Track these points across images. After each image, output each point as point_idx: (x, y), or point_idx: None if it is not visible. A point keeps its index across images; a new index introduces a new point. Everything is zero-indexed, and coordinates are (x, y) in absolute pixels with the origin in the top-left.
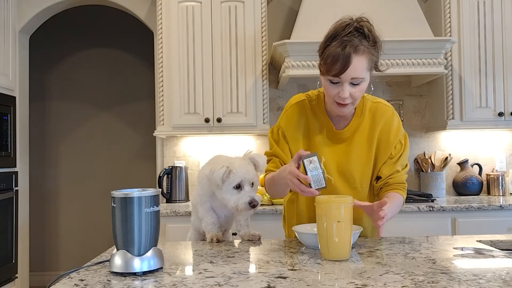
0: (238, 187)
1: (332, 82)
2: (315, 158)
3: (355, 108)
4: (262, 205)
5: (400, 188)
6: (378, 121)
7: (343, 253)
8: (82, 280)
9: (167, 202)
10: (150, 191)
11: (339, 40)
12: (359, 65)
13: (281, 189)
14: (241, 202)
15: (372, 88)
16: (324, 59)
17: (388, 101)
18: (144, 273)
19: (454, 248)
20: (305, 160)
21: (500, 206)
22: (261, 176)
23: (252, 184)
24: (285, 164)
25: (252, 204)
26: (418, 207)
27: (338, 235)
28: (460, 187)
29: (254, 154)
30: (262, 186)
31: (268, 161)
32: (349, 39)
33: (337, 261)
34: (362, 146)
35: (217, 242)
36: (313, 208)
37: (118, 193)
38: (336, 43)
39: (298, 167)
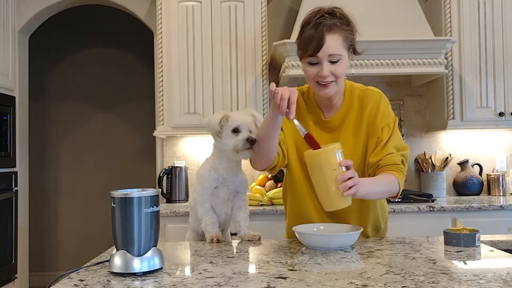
0: (236, 131)
1: (311, 64)
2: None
3: (343, 97)
4: (262, 205)
5: (392, 169)
6: (365, 107)
7: (347, 199)
8: (81, 280)
9: (167, 202)
10: (150, 191)
11: (312, 23)
12: (334, 42)
13: (266, 136)
14: (239, 139)
15: (353, 72)
16: (300, 44)
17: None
18: (144, 274)
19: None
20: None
21: (501, 206)
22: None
23: (250, 131)
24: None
25: (250, 140)
26: (419, 207)
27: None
28: (461, 187)
29: (252, 110)
30: (262, 186)
31: None
32: (321, 20)
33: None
34: (349, 134)
35: (217, 242)
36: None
37: (117, 193)
38: (310, 26)
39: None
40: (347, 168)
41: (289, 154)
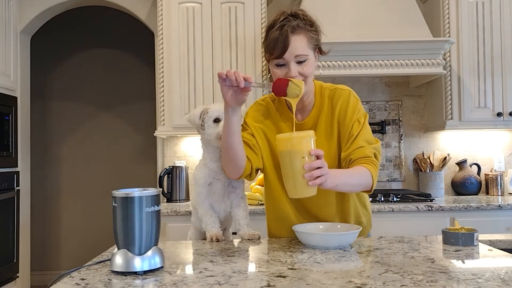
0: (217, 120)
1: (278, 66)
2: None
3: (314, 98)
4: (262, 204)
5: (364, 162)
6: (335, 105)
7: (312, 188)
8: (83, 279)
9: (167, 201)
10: (151, 191)
11: (277, 25)
12: (299, 43)
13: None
14: (221, 126)
15: (321, 72)
16: (266, 47)
17: (387, 102)
18: (145, 272)
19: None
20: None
21: (499, 206)
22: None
23: None
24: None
25: None
26: (417, 207)
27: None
28: (459, 187)
29: None
30: (262, 186)
31: None
32: (285, 22)
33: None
34: (322, 135)
35: (216, 242)
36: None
37: (119, 193)
38: (275, 29)
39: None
40: (317, 157)
41: (263, 159)
